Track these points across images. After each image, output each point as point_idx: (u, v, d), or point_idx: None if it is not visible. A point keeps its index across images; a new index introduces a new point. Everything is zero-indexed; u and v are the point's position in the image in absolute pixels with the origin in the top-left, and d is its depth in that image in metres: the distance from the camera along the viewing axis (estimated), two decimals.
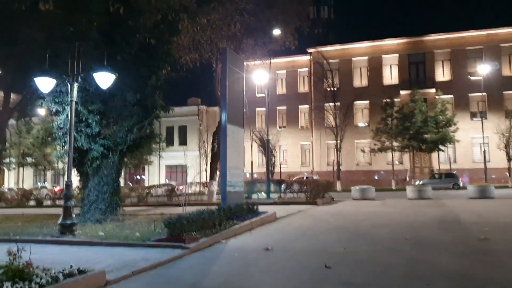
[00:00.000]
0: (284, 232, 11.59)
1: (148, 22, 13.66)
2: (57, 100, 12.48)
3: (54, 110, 12.58)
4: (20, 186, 48.28)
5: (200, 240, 9.47)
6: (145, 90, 13.33)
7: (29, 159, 46.99)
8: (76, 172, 13.76)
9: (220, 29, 18.35)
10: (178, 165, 51.39)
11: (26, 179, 52.85)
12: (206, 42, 19.05)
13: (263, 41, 23.68)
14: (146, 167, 51.39)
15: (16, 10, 12.95)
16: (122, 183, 51.39)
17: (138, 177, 52.21)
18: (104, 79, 10.83)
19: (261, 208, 14.70)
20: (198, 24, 15.97)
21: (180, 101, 53.47)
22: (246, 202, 13.77)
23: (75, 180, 13.15)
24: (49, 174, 54.25)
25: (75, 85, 10.75)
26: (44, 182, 51.53)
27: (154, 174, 51.35)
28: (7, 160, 47.80)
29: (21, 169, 50.89)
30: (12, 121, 35.40)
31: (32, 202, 29.65)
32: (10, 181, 53.32)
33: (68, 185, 10.73)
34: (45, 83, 10.79)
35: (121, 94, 13.08)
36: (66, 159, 14.04)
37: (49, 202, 30.23)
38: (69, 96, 10.68)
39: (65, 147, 12.90)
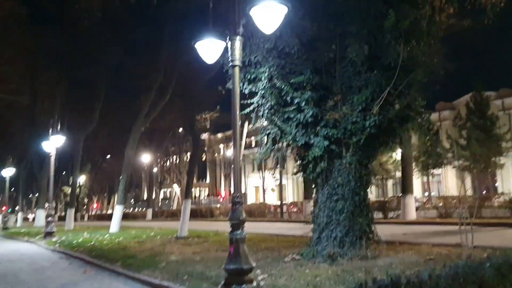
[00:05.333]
0: None
1: None
2: (249, 77, 8.58)
3: (247, 91, 8.71)
4: None
5: None
6: (381, 39, 7.83)
7: None
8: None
9: None
10: None
11: None
12: None
13: None
14: (499, 172, 41.71)
15: None
16: (470, 192, 43.79)
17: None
18: (268, 18, 6.24)
19: None
20: None
21: None
22: None
23: None
24: (390, 183, 51.75)
25: (237, 41, 6.58)
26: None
27: (509, 180, 41.13)
28: None
29: None
30: None
31: None
32: None
33: (236, 202, 6.53)
34: (209, 49, 7.10)
35: (343, 52, 8.06)
36: (274, 159, 10.02)
37: None
38: (229, 58, 6.60)
39: (268, 143, 8.84)
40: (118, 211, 19.58)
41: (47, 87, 31.76)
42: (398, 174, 38.17)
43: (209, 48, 7.12)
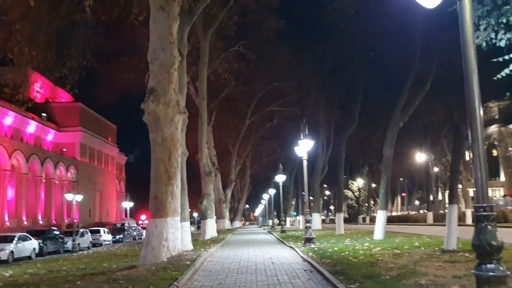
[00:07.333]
0: None
1: None
2: (502, 20, 5.54)
3: (502, 44, 5.59)
4: None
5: None
6: None
7: None
8: None
9: None
10: None
11: None
12: None
13: None
14: None
15: None
16: None
17: None
18: None
19: None
20: None
21: None
22: None
23: None
24: None
25: None
26: None
27: None
28: None
29: None
30: None
31: None
32: None
33: (482, 216, 4.04)
34: None
35: None
36: None
37: None
38: None
39: None
40: (381, 217, 17.84)
41: (312, 94, 32.91)
42: None
43: None
